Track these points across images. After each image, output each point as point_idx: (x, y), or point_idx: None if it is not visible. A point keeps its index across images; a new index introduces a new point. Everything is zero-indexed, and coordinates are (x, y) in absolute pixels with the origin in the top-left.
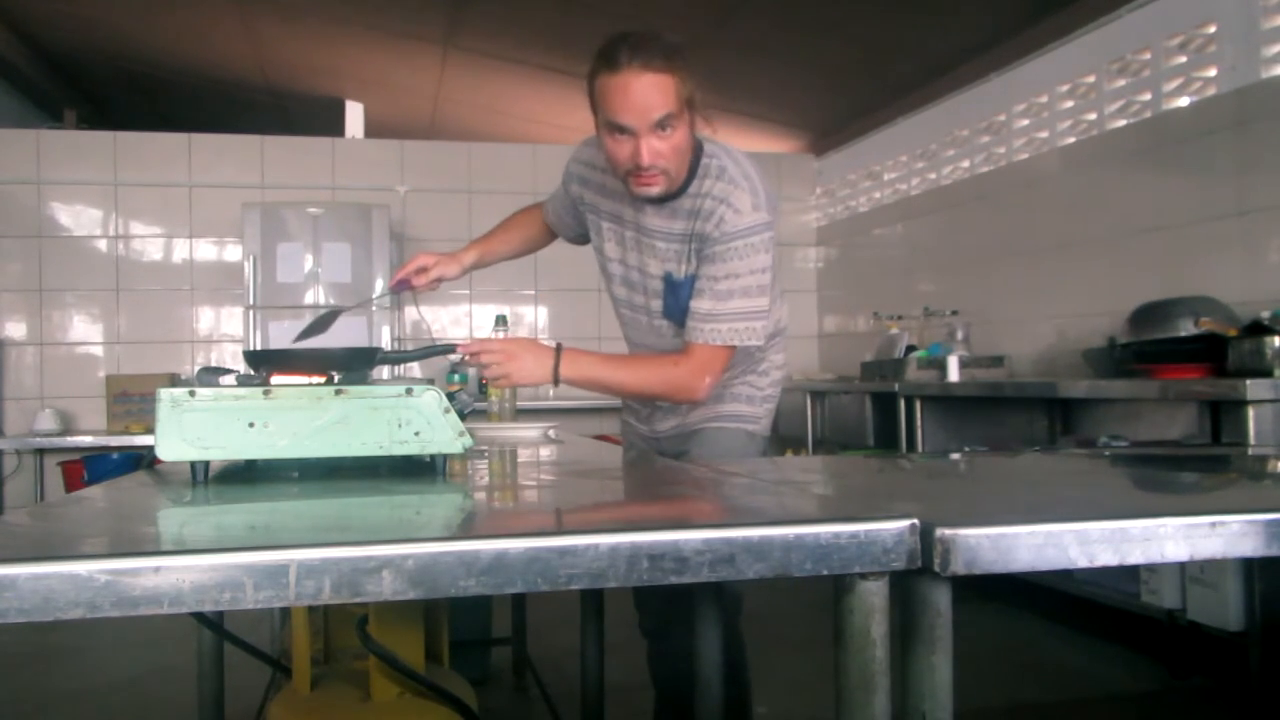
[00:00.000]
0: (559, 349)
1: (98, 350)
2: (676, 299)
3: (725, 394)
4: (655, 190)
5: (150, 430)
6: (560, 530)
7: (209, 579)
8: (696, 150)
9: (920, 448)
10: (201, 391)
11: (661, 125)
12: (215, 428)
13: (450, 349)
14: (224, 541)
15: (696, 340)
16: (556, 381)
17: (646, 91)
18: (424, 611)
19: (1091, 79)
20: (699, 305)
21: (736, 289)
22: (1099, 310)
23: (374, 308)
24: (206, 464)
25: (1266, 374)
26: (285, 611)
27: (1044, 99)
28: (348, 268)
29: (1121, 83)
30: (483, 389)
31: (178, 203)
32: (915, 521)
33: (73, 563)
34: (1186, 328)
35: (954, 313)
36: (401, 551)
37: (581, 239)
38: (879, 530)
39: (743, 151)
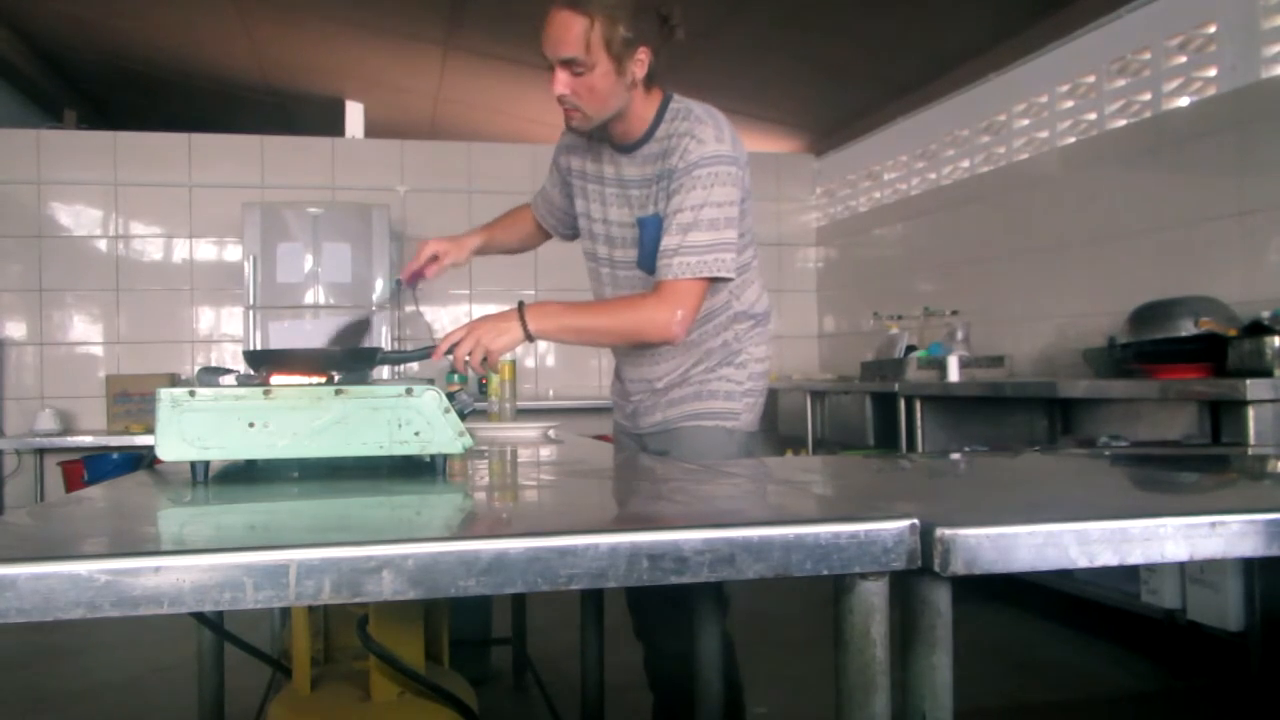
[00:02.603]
0: (520, 305)
1: (98, 350)
2: (649, 244)
3: (703, 390)
4: (574, 123)
5: (150, 430)
6: (560, 530)
7: (209, 579)
8: (666, 99)
9: (920, 448)
10: (201, 391)
11: (569, 64)
12: (215, 428)
13: (427, 353)
14: (224, 541)
15: (665, 276)
16: (530, 337)
17: (557, 28)
18: (424, 611)
19: (1091, 79)
20: (666, 242)
21: (703, 220)
22: (1099, 310)
23: (374, 308)
24: (206, 464)
25: (1266, 374)
26: (285, 611)
27: (1044, 99)
28: (348, 268)
29: (1121, 83)
30: (482, 389)
31: (178, 203)
32: (915, 521)
33: (73, 563)
34: (1186, 328)
35: (954, 313)
36: (401, 551)
37: (568, 233)
38: (879, 530)
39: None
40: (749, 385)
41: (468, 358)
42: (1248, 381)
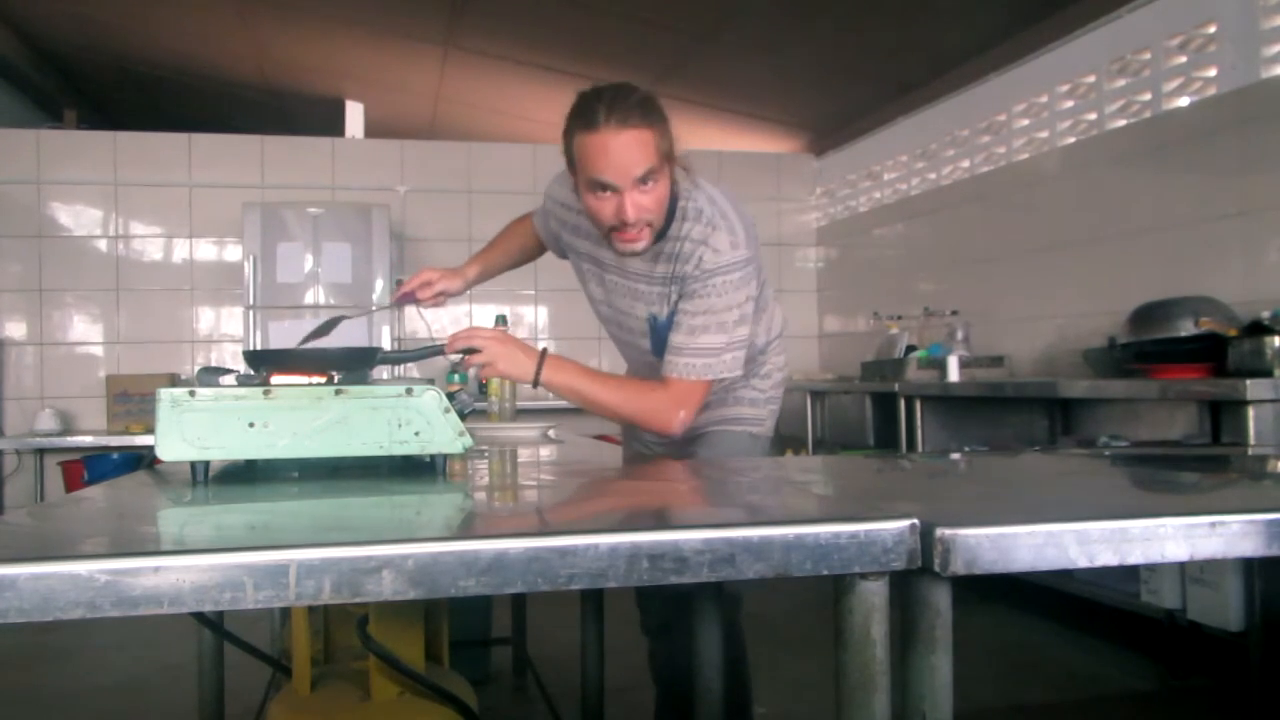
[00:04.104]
0: (544, 352)
1: (98, 350)
2: (660, 336)
3: (729, 397)
4: (640, 246)
5: (150, 430)
6: (560, 530)
7: (209, 579)
8: (672, 196)
9: (920, 448)
10: (201, 391)
11: (644, 180)
12: (215, 428)
13: (440, 350)
14: (224, 541)
15: (671, 374)
16: (536, 383)
17: (627, 148)
18: (424, 611)
19: (1091, 79)
20: (674, 339)
21: (713, 324)
22: (1099, 310)
23: (372, 309)
24: (206, 464)
25: (1266, 374)
26: (285, 611)
27: (1044, 99)
28: (348, 268)
29: (1121, 83)
30: (482, 389)
31: (178, 203)
32: (915, 521)
33: (73, 563)
34: (1186, 328)
35: (954, 313)
36: (401, 551)
37: (561, 254)
38: (879, 530)
39: (718, 188)
40: (771, 393)
41: (470, 350)
42: (1248, 381)
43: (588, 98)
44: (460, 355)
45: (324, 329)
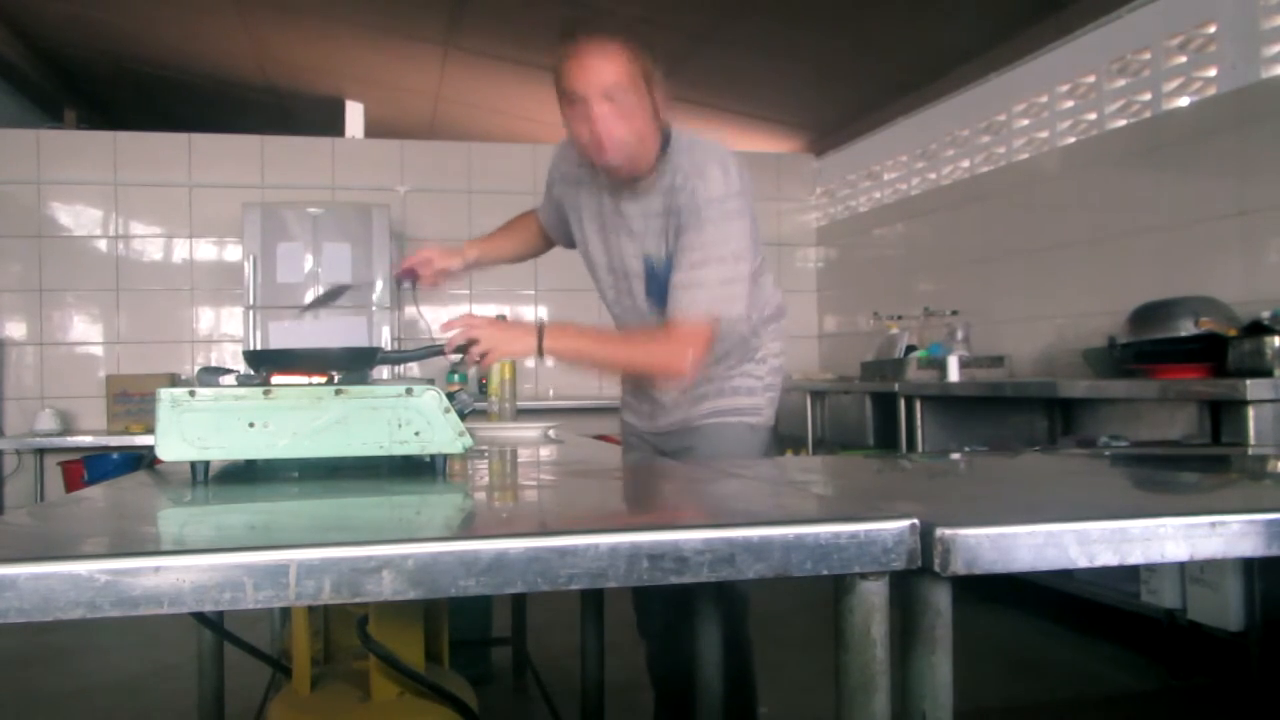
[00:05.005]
0: (542, 323)
1: (98, 350)
2: (658, 281)
3: (725, 387)
4: (614, 160)
5: (150, 430)
6: (560, 530)
7: (209, 579)
8: (666, 135)
9: (920, 448)
10: (201, 391)
11: (611, 95)
12: (215, 428)
13: (440, 349)
14: (224, 541)
15: (677, 314)
16: (541, 354)
17: (595, 59)
18: (424, 611)
19: (1091, 79)
20: (675, 278)
21: (712, 258)
22: (1099, 310)
23: (374, 308)
24: (206, 464)
25: (1266, 374)
26: (285, 611)
27: (1044, 99)
28: (348, 268)
29: (1121, 83)
30: (482, 389)
31: (178, 203)
32: (915, 521)
33: (73, 563)
34: (1186, 328)
35: (954, 313)
36: (401, 551)
37: (569, 243)
38: (879, 530)
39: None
40: (769, 380)
41: (469, 342)
42: (1248, 381)
43: (570, 21)
44: (460, 355)
45: (329, 297)
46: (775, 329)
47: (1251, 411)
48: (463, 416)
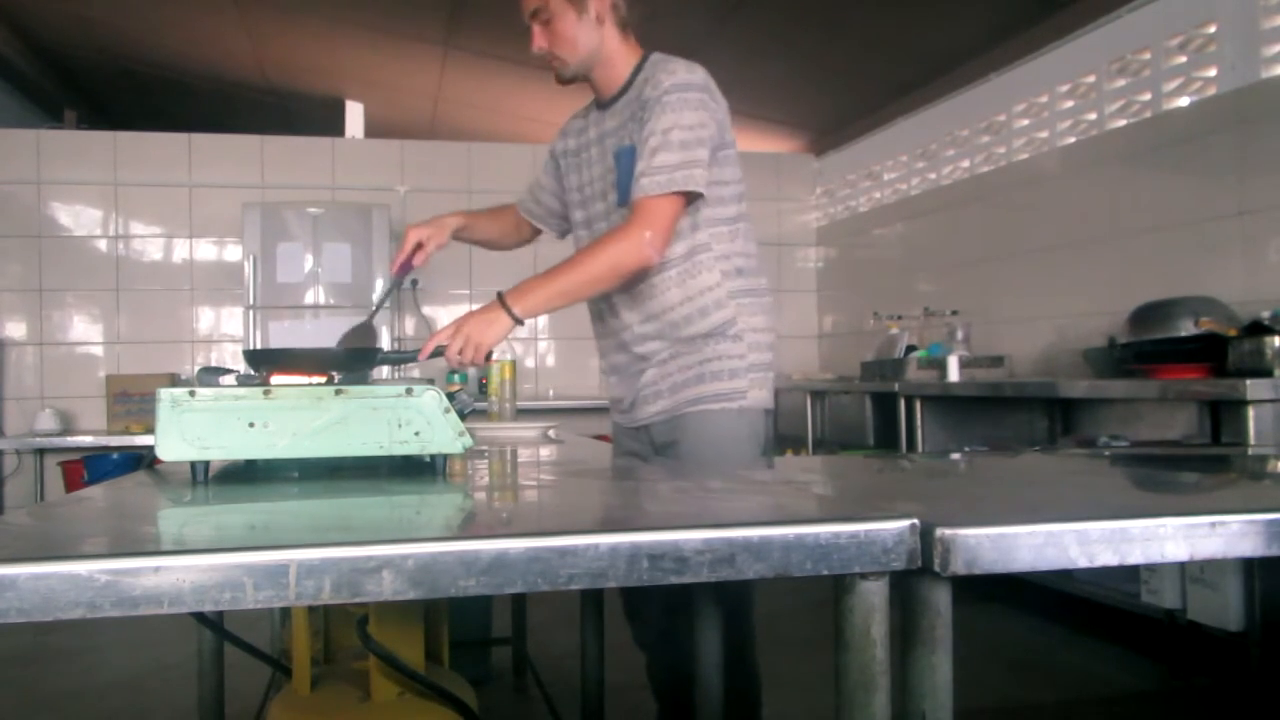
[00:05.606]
0: (500, 295)
1: (98, 350)
2: (624, 175)
3: (705, 372)
4: (560, 69)
5: (150, 430)
6: (560, 530)
7: (209, 579)
8: (645, 54)
9: (920, 448)
10: (201, 391)
11: (537, 14)
12: (215, 428)
13: (440, 350)
14: (224, 541)
15: (636, 196)
16: (519, 320)
17: None
18: (424, 611)
19: (1091, 79)
20: (638, 168)
21: (672, 141)
22: (1099, 310)
23: (374, 308)
24: (206, 464)
25: (1266, 374)
26: (285, 611)
27: (1044, 99)
28: (348, 268)
29: (1121, 83)
30: (482, 389)
31: (178, 203)
32: (915, 521)
33: (73, 563)
34: (1186, 328)
35: (954, 313)
36: (401, 551)
37: (555, 224)
38: (879, 530)
39: None
40: (752, 358)
41: (459, 355)
42: (1248, 381)
43: None
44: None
45: (362, 333)
46: (755, 304)
47: (1251, 411)
48: (463, 416)
